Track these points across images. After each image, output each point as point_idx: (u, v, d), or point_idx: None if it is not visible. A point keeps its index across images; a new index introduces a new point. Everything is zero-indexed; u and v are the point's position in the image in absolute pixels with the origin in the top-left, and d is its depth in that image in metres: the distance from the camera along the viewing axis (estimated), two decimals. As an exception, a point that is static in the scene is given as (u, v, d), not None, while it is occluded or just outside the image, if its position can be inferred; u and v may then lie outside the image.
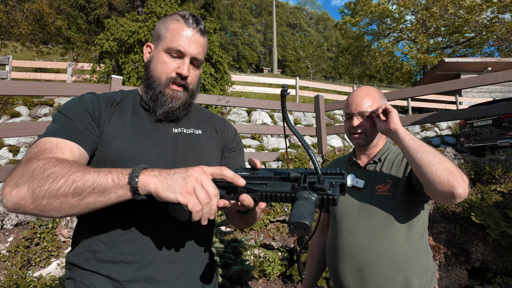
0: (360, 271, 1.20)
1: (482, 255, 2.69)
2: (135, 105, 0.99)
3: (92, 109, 0.89)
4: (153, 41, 1.00)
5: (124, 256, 0.84)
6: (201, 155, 1.00)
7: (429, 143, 9.95)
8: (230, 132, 1.15)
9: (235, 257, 2.74)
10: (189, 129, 1.02)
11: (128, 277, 0.83)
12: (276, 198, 0.70)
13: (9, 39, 14.76)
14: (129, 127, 0.92)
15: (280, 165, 4.65)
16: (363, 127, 1.33)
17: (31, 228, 2.69)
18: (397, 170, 1.27)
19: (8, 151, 6.87)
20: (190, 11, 5.19)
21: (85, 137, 0.83)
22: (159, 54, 0.95)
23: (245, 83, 13.88)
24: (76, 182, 0.65)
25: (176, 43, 0.93)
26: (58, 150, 0.76)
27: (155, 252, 0.86)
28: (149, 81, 0.96)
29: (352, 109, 1.34)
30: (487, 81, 3.68)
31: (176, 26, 0.94)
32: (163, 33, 0.96)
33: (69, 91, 3.20)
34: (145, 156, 0.89)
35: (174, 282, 0.87)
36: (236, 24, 55.64)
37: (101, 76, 7.77)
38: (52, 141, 0.78)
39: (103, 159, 0.86)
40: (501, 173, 2.88)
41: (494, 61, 14.08)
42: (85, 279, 0.84)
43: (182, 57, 0.95)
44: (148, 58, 0.99)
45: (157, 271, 0.85)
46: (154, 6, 7.74)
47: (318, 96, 4.87)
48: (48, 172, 0.66)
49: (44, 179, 0.65)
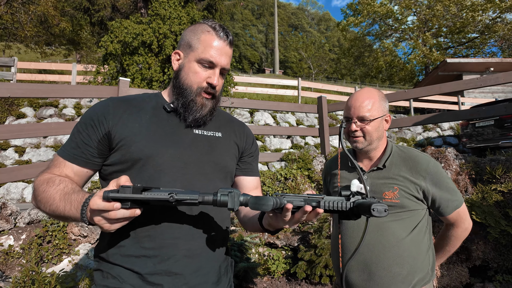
0: (367, 266, 1.25)
1: (483, 253, 2.74)
2: (157, 108, 1.03)
3: (97, 115, 0.97)
4: (182, 49, 1.03)
5: (146, 251, 0.90)
6: (219, 157, 1.05)
7: (431, 144, 9.99)
8: (249, 137, 1.21)
9: (241, 255, 2.81)
10: (210, 131, 1.07)
11: (149, 270, 0.89)
12: (336, 207, 0.81)
13: (14, 41, 14.90)
14: (147, 129, 0.97)
15: (283, 165, 4.71)
16: (362, 131, 1.32)
17: (43, 226, 2.77)
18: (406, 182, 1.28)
19: (14, 151, 6.96)
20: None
21: (79, 152, 0.95)
22: (191, 64, 1.00)
23: (247, 84, 13.93)
24: (55, 212, 0.87)
25: (208, 54, 0.98)
26: (59, 170, 0.95)
27: (174, 247, 0.92)
28: (180, 89, 1.01)
29: (351, 113, 1.34)
30: (487, 82, 3.73)
31: (208, 38, 0.99)
32: (194, 43, 1.00)
33: (78, 93, 3.28)
34: (163, 157, 0.95)
35: (192, 275, 0.93)
36: (238, 25, 55.75)
37: (105, 78, 7.86)
38: (58, 160, 0.97)
39: (124, 161, 0.94)
40: (501, 173, 2.93)
41: (496, 61, 14.08)
42: (112, 270, 0.92)
43: (212, 67, 1.00)
44: (178, 65, 1.04)
45: (176, 265, 0.91)
46: (158, 8, 7.82)
47: (321, 98, 4.94)
48: (40, 197, 0.88)
49: (39, 203, 0.89)
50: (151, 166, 0.93)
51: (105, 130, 0.94)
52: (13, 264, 2.54)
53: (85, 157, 0.95)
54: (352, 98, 1.37)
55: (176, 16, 7.74)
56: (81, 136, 0.95)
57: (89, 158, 0.95)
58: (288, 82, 14.08)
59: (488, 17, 19.94)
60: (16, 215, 2.91)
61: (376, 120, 1.32)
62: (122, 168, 0.94)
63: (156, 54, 7.66)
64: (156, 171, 0.93)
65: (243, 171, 1.16)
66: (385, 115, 1.36)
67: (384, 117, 1.36)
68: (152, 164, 0.93)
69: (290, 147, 8.74)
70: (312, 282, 3.13)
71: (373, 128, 1.32)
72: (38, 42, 15.08)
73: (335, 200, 0.81)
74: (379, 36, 24.81)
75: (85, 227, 2.87)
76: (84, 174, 0.98)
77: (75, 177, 0.95)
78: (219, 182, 1.04)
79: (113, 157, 0.95)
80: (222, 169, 1.05)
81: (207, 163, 1.01)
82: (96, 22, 13.91)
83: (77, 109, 8.35)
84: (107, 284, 0.91)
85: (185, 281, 0.92)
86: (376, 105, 1.33)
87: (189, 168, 0.97)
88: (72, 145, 0.96)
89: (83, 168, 0.96)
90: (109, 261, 0.93)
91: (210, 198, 0.78)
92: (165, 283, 0.89)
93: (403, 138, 10.51)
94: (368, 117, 1.31)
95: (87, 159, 0.95)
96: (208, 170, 1.01)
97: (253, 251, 3.32)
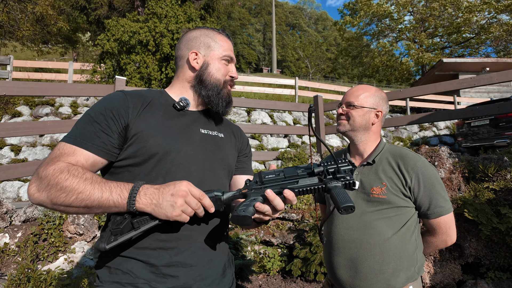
0: (353, 263, 1.27)
1: (475, 250, 2.77)
2: (167, 106, 1.07)
3: (117, 108, 0.96)
4: (199, 50, 1.12)
5: (162, 243, 0.92)
6: (224, 155, 1.12)
7: (427, 143, 10.05)
8: (245, 138, 1.31)
9: (236, 252, 2.83)
10: (214, 132, 1.14)
11: (166, 262, 0.91)
12: (310, 191, 0.85)
13: (10, 40, 14.80)
14: (164, 125, 1.00)
15: (279, 164, 4.74)
16: (347, 115, 1.39)
17: (38, 224, 2.77)
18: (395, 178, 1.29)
19: (10, 150, 6.93)
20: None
21: (99, 141, 0.91)
22: (215, 61, 1.12)
23: (244, 83, 13.94)
24: (85, 201, 0.81)
25: (227, 52, 1.14)
26: (73, 158, 0.88)
27: (190, 239, 0.96)
28: (209, 83, 1.11)
29: (342, 98, 1.43)
30: (482, 82, 3.78)
31: (222, 38, 1.15)
32: (213, 44, 1.13)
33: (74, 91, 3.28)
34: (180, 153, 0.98)
35: (204, 267, 0.97)
36: (235, 24, 55.67)
37: (102, 77, 7.84)
38: (70, 148, 0.90)
39: (140, 154, 0.94)
40: (493, 171, 2.97)
41: (492, 61, 14.18)
42: (121, 265, 0.91)
43: (231, 62, 1.16)
44: (199, 64, 1.11)
45: (191, 257, 0.95)
46: (155, 7, 7.80)
47: (317, 97, 4.97)
48: (61, 185, 0.80)
49: (58, 192, 0.80)
50: (168, 161, 0.96)
51: (125, 123, 0.95)
52: (9, 262, 2.55)
53: (106, 147, 0.92)
54: (350, 89, 1.44)
55: (173, 14, 7.73)
56: (100, 127, 0.92)
57: (109, 148, 0.93)
58: (285, 81, 14.11)
59: (484, 18, 20.06)
60: (12, 213, 2.91)
61: (362, 108, 1.36)
62: (137, 162, 0.95)
63: (153, 52, 7.64)
64: (174, 165, 0.97)
65: (239, 170, 1.23)
66: (376, 109, 1.38)
67: (373, 110, 1.37)
68: (169, 159, 0.96)
69: (287, 146, 8.78)
70: (307, 279, 3.16)
71: (357, 113, 1.36)
72: (34, 40, 14.99)
73: (308, 185, 0.85)
74: (376, 36, 24.89)
75: (81, 225, 2.88)
76: (99, 166, 0.94)
77: (89, 167, 0.91)
78: (224, 178, 1.11)
79: (128, 151, 0.95)
80: (227, 167, 1.12)
81: (215, 161, 1.07)
82: (93, 21, 13.85)
83: (73, 107, 8.32)
84: (118, 280, 0.90)
85: (199, 273, 0.95)
86: (368, 97, 1.37)
87: (201, 164, 1.02)
88: (88, 134, 0.91)
89: (101, 158, 0.92)
90: (119, 255, 0.92)
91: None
92: (181, 275, 0.92)
93: (399, 137, 10.57)
94: (354, 103, 1.36)
95: (107, 150, 0.93)
96: (216, 167, 1.07)
97: (248, 249, 3.34)
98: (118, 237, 0.84)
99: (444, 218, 1.28)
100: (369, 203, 1.29)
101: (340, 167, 0.87)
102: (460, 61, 14.17)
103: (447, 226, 1.29)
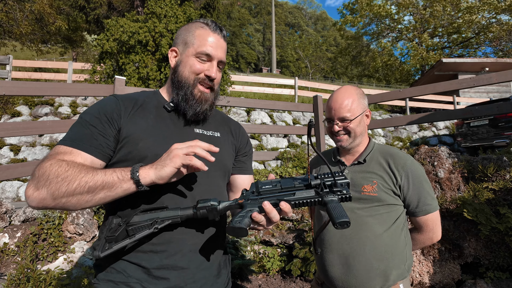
0: (346, 259, 1.28)
1: (475, 250, 2.78)
2: (158, 107, 1.06)
3: (110, 112, 0.96)
4: (178, 46, 1.06)
5: (153, 246, 0.92)
6: (219, 156, 1.06)
7: (427, 143, 10.06)
8: (244, 137, 1.25)
9: (236, 252, 2.83)
10: (209, 131, 1.11)
11: (156, 265, 0.91)
12: (307, 204, 0.85)
13: (9, 39, 14.78)
14: (154, 128, 0.99)
15: (279, 164, 4.74)
16: (345, 130, 1.37)
17: (38, 224, 2.77)
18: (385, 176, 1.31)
19: (10, 150, 6.92)
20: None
21: (97, 143, 0.92)
22: (188, 59, 1.03)
23: (244, 83, 13.93)
24: (88, 183, 0.80)
25: (205, 47, 1.01)
26: (70, 157, 0.88)
27: (181, 242, 0.95)
28: (179, 83, 1.03)
29: (333, 114, 1.37)
30: (481, 82, 3.78)
31: (203, 32, 1.03)
32: (190, 39, 1.03)
33: (74, 91, 3.27)
34: None
35: (197, 269, 0.96)
36: (235, 23, 55.64)
37: (102, 77, 7.82)
38: (67, 149, 0.90)
39: (130, 158, 0.94)
40: (493, 171, 2.97)
41: (491, 61, 14.20)
42: (115, 265, 0.93)
43: (210, 60, 1.03)
44: (175, 62, 1.06)
45: (182, 260, 0.94)
46: (154, 7, 7.78)
47: (316, 97, 4.96)
48: (62, 176, 0.80)
49: (59, 183, 0.79)
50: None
51: (118, 127, 0.96)
52: (8, 262, 2.55)
53: (103, 149, 0.93)
54: (331, 100, 1.40)
55: (173, 14, 7.71)
56: (96, 130, 0.92)
57: (106, 151, 0.94)
58: (285, 81, 14.12)
59: (484, 18, 20.08)
60: (11, 213, 2.91)
61: (357, 118, 1.36)
62: (128, 165, 0.93)
63: (152, 52, 7.63)
64: None
65: (238, 170, 1.20)
66: (365, 111, 1.40)
67: (364, 113, 1.39)
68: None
69: (286, 146, 8.78)
70: (307, 279, 3.16)
71: (355, 125, 1.36)
72: (33, 40, 14.97)
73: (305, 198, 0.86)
74: (375, 36, 24.91)
75: (80, 225, 2.88)
76: (97, 167, 0.93)
77: None
78: (219, 180, 1.08)
79: (120, 154, 0.96)
80: (222, 168, 1.09)
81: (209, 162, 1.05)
82: (92, 21, 13.83)
83: (73, 107, 8.32)
84: (111, 278, 0.91)
85: (191, 275, 0.95)
86: (356, 104, 1.36)
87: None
88: (84, 137, 0.91)
89: (99, 160, 0.93)
90: (113, 256, 0.92)
91: (191, 213, 0.88)
92: (171, 277, 0.92)
93: (398, 137, 10.58)
94: (349, 117, 1.35)
95: (105, 152, 0.94)
96: (210, 168, 1.04)
97: (248, 249, 3.34)
98: (113, 245, 0.84)
99: (431, 215, 1.32)
100: (360, 201, 1.31)
101: (337, 180, 0.87)
102: (460, 61, 14.19)
103: (434, 223, 1.34)
